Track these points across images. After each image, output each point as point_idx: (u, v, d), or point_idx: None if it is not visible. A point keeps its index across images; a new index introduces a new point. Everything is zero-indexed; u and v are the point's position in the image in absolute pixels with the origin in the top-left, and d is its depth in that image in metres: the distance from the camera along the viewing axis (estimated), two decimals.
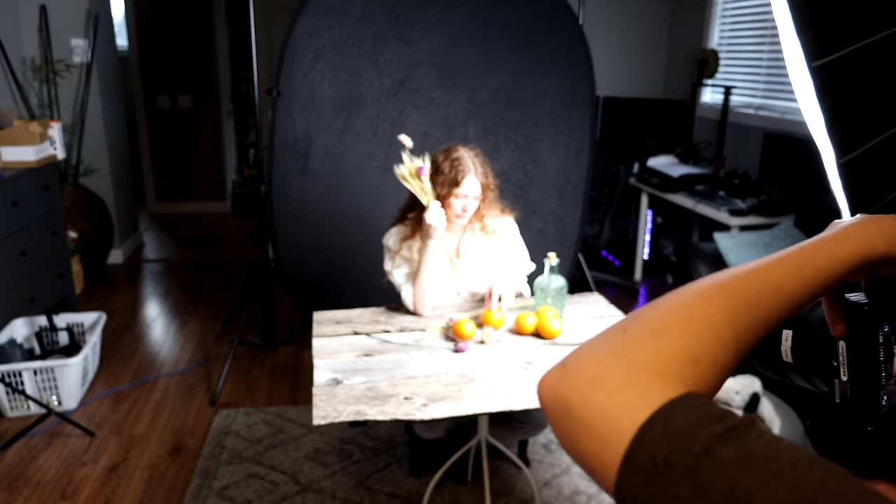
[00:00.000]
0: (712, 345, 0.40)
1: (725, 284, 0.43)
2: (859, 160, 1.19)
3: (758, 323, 0.43)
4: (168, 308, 4.03)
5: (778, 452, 0.32)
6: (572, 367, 0.40)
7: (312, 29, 2.83)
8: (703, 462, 0.32)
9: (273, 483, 2.40)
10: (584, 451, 0.37)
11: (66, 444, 2.64)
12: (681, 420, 0.34)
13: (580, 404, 0.38)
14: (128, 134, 4.99)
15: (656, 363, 0.38)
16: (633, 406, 0.36)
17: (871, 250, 0.49)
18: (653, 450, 0.34)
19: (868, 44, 1.07)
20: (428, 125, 2.99)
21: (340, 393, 1.76)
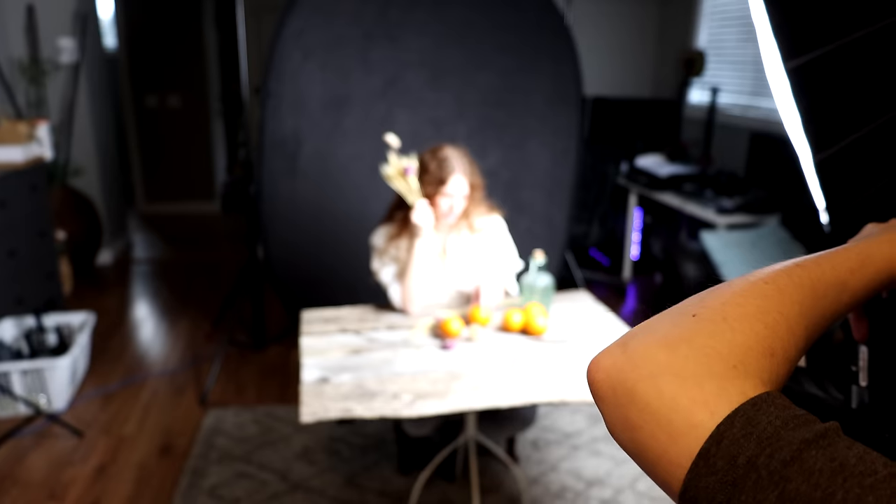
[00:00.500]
0: (787, 338, 0.38)
1: (795, 275, 0.41)
2: (833, 159, 1.21)
3: (824, 318, 0.42)
4: (157, 308, 4.02)
5: (873, 465, 0.30)
6: (638, 351, 0.37)
7: (301, 29, 2.84)
8: (793, 469, 0.30)
9: (262, 482, 2.40)
10: (648, 443, 0.35)
11: (55, 444, 2.63)
12: (766, 421, 0.32)
13: (648, 392, 0.35)
14: (116, 134, 4.98)
15: (732, 354, 0.36)
16: (709, 399, 0.34)
17: None
18: (734, 450, 0.32)
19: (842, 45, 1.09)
20: (416, 125, 3.00)
21: (328, 391, 1.77)
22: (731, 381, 0.35)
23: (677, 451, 0.33)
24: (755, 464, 0.31)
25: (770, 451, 0.31)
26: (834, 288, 0.43)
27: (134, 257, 4.93)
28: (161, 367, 3.26)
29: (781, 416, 0.33)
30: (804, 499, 0.29)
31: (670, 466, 0.34)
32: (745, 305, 0.38)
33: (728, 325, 0.37)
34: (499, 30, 3.03)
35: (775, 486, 0.30)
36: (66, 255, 4.02)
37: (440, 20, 2.96)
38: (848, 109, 1.18)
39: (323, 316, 2.23)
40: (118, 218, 4.89)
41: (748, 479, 0.31)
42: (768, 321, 0.38)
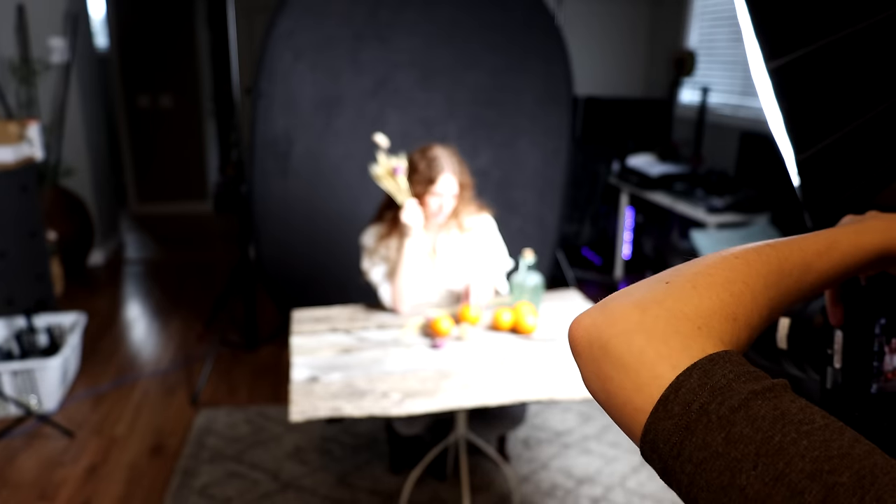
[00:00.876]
0: (750, 307, 0.41)
1: (763, 253, 0.44)
2: (813, 159, 1.22)
3: (787, 295, 0.45)
4: (149, 308, 4.02)
5: (811, 416, 0.33)
6: (615, 310, 0.40)
7: (291, 29, 2.84)
8: (739, 414, 0.33)
9: (253, 481, 2.41)
10: (617, 392, 0.38)
11: (46, 445, 2.63)
12: (720, 373, 0.35)
13: (620, 347, 0.38)
14: (108, 134, 4.97)
15: (698, 316, 0.39)
16: (672, 354, 0.37)
17: (891, 244, 0.51)
18: (689, 397, 0.35)
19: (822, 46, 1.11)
20: (407, 125, 3.01)
21: (318, 390, 1.78)
22: (695, 340, 0.38)
23: (641, 398, 0.36)
24: (707, 410, 0.34)
25: (721, 399, 0.34)
26: (799, 268, 0.45)
27: (126, 258, 4.92)
28: (153, 368, 3.25)
29: (735, 370, 0.36)
30: (746, 440, 0.32)
31: (634, 413, 0.37)
32: (714, 275, 0.42)
33: (696, 292, 0.40)
34: (488, 29, 3.04)
35: (722, 429, 0.33)
36: (58, 256, 4.01)
37: (430, 20, 2.96)
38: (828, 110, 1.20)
39: (313, 315, 2.24)
40: (110, 218, 4.88)
41: (700, 422, 0.34)
42: (734, 290, 0.41)
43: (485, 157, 3.14)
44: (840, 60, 1.14)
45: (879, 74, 1.18)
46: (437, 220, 2.16)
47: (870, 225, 0.52)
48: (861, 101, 1.21)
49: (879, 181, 1.38)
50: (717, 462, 0.33)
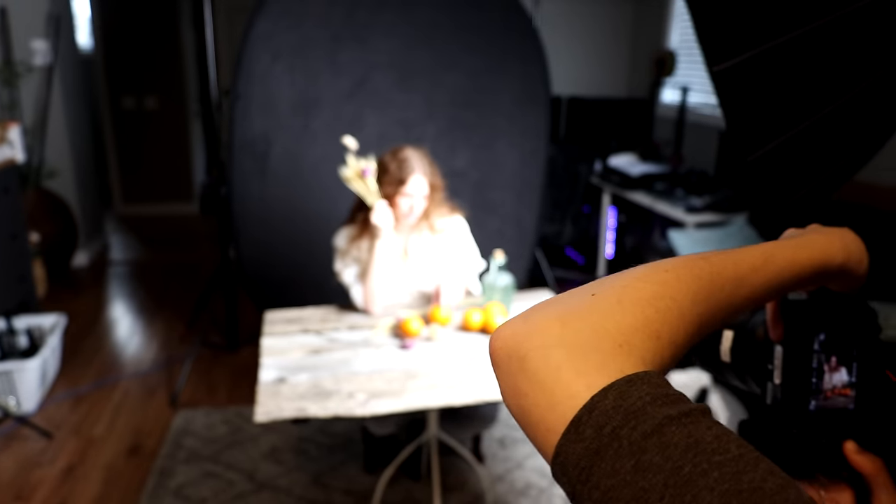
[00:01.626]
0: (676, 323, 0.40)
1: (696, 266, 0.43)
2: (763, 160, 1.25)
3: (719, 310, 0.44)
4: (132, 310, 4.03)
5: (726, 445, 0.32)
6: (536, 322, 0.39)
7: (270, 31, 2.85)
8: (652, 441, 0.32)
9: (229, 482, 2.42)
10: (531, 409, 0.36)
11: (24, 446, 2.64)
12: (636, 395, 0.34)
13: (537, 361, 0.37)
14: (93, 136, 4.97)
15: (620, 333, 0.37)
16: (590, 373, 0.35)
17: (829, 260, 0.51)
18: (602, 420, 0.33)
19: (762, 51, 1.13)
20: (385, 126, 3.03)
21: (284, 390, 1.80)
22: (614, 358, 0.36)
23: (554, 418, 0.35)
24: (618, 434, 0.32)
25: (634, 423, 0.33)
26: (732, 282, 0.44)
27: (111, 259, 4.93)
28: (134, 369, 3.27)
29: (652, 393, 0.34)
30: (655, 469, 0.31)
31: (547, 433, 0.35)
32: (641, 290, 0.40)
33: (621, 307, 0.39)
34: (466, 31, 3.06)
35: (633, 455, 0.32)
36: (41, 258, 4.01)
37: (408, 21, 2.98)
38: (773, 113, 1.22)
39: (286, 316, 2.26)
40: (94, 220, 4.88)
41: (610, 447, 0.32)
42: (660, 306, 0.40)
43: (463, 159, 3.16)
44: (780, 66, 1.16)
45: (821, 78, 1.20)
46: (407, 222, 2.17)
47: (808, 240, 0.51)
48: (805, 104, 1.23)
49: (832, 182, 1.40)
50: (624, 491, 0.31)
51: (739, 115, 1.27)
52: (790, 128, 1.24)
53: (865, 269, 0.54)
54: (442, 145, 3.10)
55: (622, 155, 4.28)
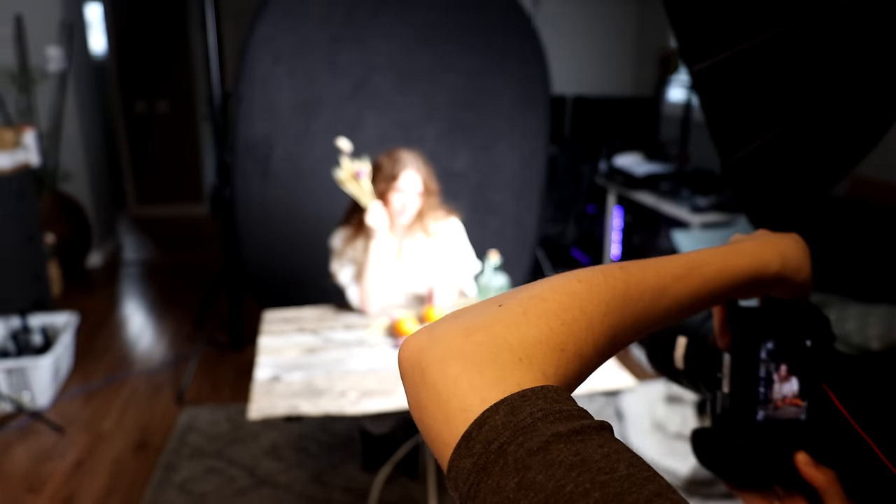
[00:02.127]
0: (584, 336, 0.39)
1: (611, 276, 0.42)
2: (745, 161, 1.27)
3: (635, 321, 0.42)
4: (143, 309, 4.12)
5: (615, 465, 0.31)
6: (439, 333, 0.38)
7: (270, 34, 2.91)
8: (537, 458, 0.31)
9: (231, 477, 2.48)
10: (429, 423, 0.36)
11: (37, 440, 2.73)
12: (527, 411, 0.33)
13: (436, 373, 0.36)
14: (106, 139, 5.08)
15: (521, 346, 0.37)
16: (485, 386, 0.34)
17: (763, 268, 0.49)
18: (491, 436, 0.32)
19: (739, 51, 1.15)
20: (385, 127, 3.07)
21: (278, 388, 1.85)
22: (512, 372, 0.35)
23: (448, 432, 0.34)
24: (505, 450, 0.32)
25: (522, 439, 0.32)
26: (651, 292, 0.43)
27: (123, 259, 5.04)
28: (143, 366, 3.35)
29: (546, 408, 0.33)
30: (537, 488, 0.30)
31: (442, 447, 0.35)
32: (549, 301, 0.39)
33: (526, 319, 0.38)
34: (465, 32, 3.09)
35: (517, 473, 0.31)
36: (56, 258, 4.12)
37: (406, 22, 3.02)
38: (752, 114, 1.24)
39: (283, 316, 2.31)
40: (107, 221, 4.99)
41: (496, 464, 0.32)
42: (566, 318, 0.39)
43: (463, 160, 3.19)
44: (761, 64, 1.18)
45: (804, 77, 1.22)
46: (401, 220, 2.21)
47: (740, 248, 0.50)
48: (789, 103, 1.25)
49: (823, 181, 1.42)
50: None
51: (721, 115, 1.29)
52: (774, 127, 1.26)
53: (805, 277, 0.53)
54: (442, 146, 3.14)
55: (627, 154, 4.28)
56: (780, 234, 0.54)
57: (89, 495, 2.40)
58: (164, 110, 5.92)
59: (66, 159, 4.42)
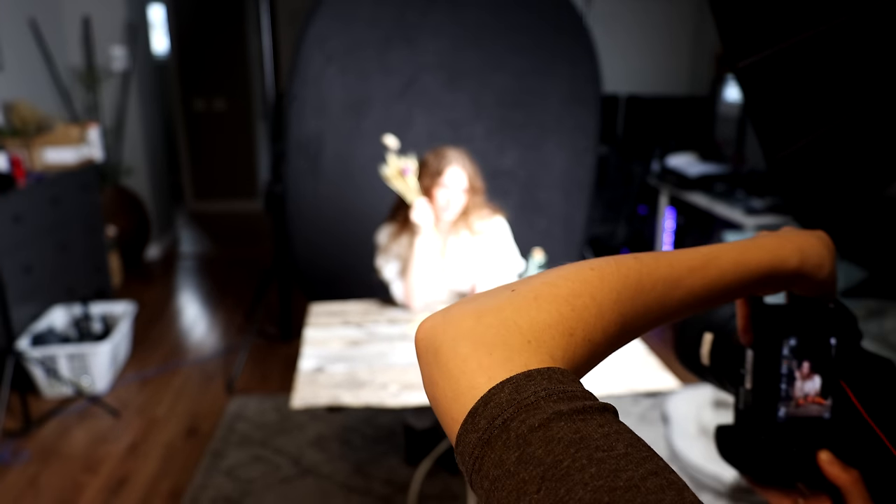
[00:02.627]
0: (593, 322, 0.40)
1: (623, 266, 0.43)
2: (791, 159, 1.23)
3: (648, 311, 0.43)
4: (197, 300, 4.25)
5: (613, 443, 0.32)
6: (453, 315, 0.40)
7: (323, 34, 2.96)
8: (537, 434, 0.32)
9: (276, 465, 2.54)
10: (440, 399, 0.37)
11: (95, 423, 2.85)
12: (532, 390, 0.34)
13: (448, 353, 0.38)
14: (166, 136, 5.26)
15: (530, 329, 0.38)
16: (493, 366, 0.36)
17: (780, 264, 0.49)
18: (495, 412, 0.34)
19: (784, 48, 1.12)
20: (434, 126, 3.09)
21: (321, 379, 1.88)
22: (520, 353, 0.37)
23: (457, 408, 0.36)
24: (508, 426, 0.33)
25: (524, 416, 0.33)
26: (664, 283, 0.44)
27: (180, 252, 5.21)
28: (195, 356, 3.46)
29: (549, 388, 0.34)
30: (536, 462, 0.31)
31: (451, 422, 0.36)
32: (560, 287, 0.40)
33: (536, 304, 0.39)
34: (514, 31, 3.09)
35: (518, 447, 0.32)
36: (117, 250, 4.29)
37: (456, 22, 3.03)
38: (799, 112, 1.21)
39: (329, 309, 2.35)
40: (166, 215, 5.17)
41: (499, 438, 0.33)
42: (576, 304, 0.40)
43: (511, 158, 3.19)
44: (808, 61, 1.15)
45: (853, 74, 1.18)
46: (446, 217, 2.22)
47: (759, 242, 0.49)
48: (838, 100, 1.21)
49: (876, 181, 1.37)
50: (507, 481, 0.32)
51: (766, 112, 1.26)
52: (821, 124, 1.22)
53: (826, 274, 0.52)
54: (490, 145, 3.14)
55: (681, 154, 4.20)
56: (804, 230, 0.53)
57: (142, 477, 2.49)
58: (222, 108, 6.10)
59: (128, 155, 4.60)
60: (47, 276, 3.30)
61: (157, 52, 5.64)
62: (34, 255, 3.19)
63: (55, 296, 3.35)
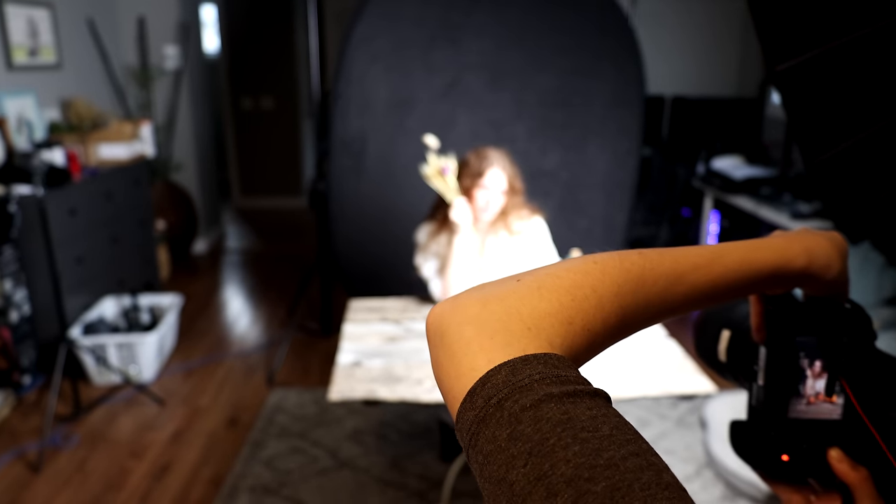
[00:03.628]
0: (593, 313, 0.41)
1: (626, 261, 0.44)
2: (829, 165, 1.20)
3: (649, 305, 0.44)
4: (241, 294, 4.35)
5: (599, 425, 0.33)
6: (461, 302, 0.42)
7: (368, 34, 3.00)
8: (528, 414, 0.34)
9: (314, 457, 2.59)
10: (444, 379, 0.39)
11: (141, 410, 2.94)
12: (527, 373, 0.36)
13: (453, 336, 0.40)
14: (215, 133, 5.39)
15: (531, 317, 0.40)
16: (493, 350, 0.38)
17: (786, 263, 0.49)
18: (492, 392, 0.36)
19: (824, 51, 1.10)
20: (476, 125, 3.10)
21: (358, 373, 1.91)
22: (519, 339, 0.39)
23: (458, 387, 0.38)
24: (502, 405, 0.35)
25: (517, 397, 0.35)
26: (667, 278, 0.45)
27: (226, 247, 5.34)
28: (238, 348, 3.54)
29: (544, 372, 0.36)
30: (525, 439, 0.33)
31: (453, 401, 0.38)
32: (562, 278, 0.42)
33: (539, 293, 0.41)
34: (558, 32, 3.07)
35: (510, 425, 0.34)
36: (166, 244, 4.42)
37: (500, 22, 3.04)
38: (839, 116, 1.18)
39: (368, 305, 2.38)
40: (213, 211, 5.30)
41: (494, 416, 0.35)
42: (577, 295, 0.41)
43: (553, 159, 3.18)
44: (848, 65, 1.12)
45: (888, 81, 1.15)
46: (485, 217, 2.23)
47: (766, 241, 0.50)
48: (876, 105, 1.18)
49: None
50: (498, 456, 0.34)
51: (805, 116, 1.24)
52: (862, 129, 1.20)
53: (835, 275, 0.52)
54: (532, 145, 3.14)
55: (726, 157, 4.12)
56: (816, 231, 0.53)
57: (184, 464, 2.57)
58: (269, 107, 6.22)
59: (178, 151, 4.73)
60: (99, 268, 3.42)
61: (208, 51, 5.78)
62: (87, 248, 3.31)
63: (106, 287, 3.47)
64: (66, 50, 3.83)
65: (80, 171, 3.36)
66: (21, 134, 3.36)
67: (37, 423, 2.77)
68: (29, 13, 3.51)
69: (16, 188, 2.92)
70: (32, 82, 3.54)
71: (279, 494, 2.37)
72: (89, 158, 3.58)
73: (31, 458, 2.57)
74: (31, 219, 2.89)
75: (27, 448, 2.63)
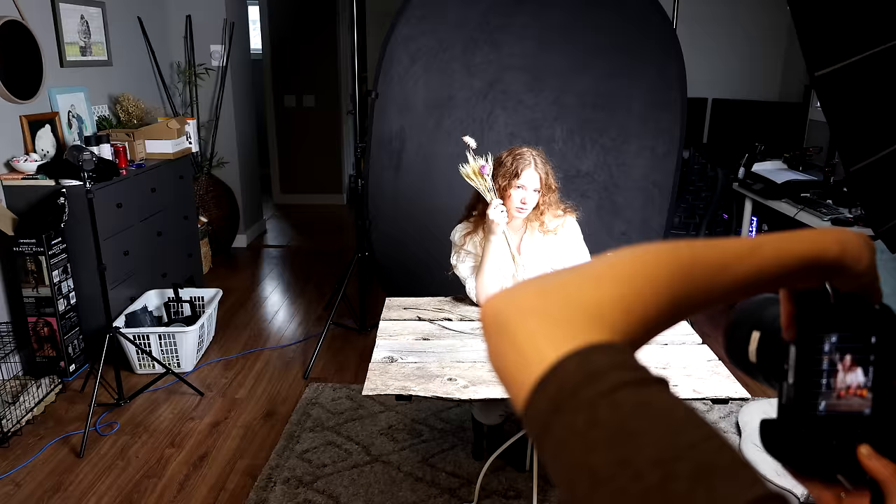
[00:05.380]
0: (648, 302, 0.43)
1: (678, 250, 0.45)
2: (863, 173, 1.18)
3: (698, 293, 0.46)
4: (280, 289, 4.42)
5: (673, 409, 0.35)
6: (520, 293, 0.43)
7: (409, 35, 3.03)
8: (605, 400, 0.35)
9: (347, 452, 2.63)
10: (507, 368, 0.40)
11: (181, 400, 3.02)
12: (598, 361, 0.37)
13: (516, 326, 0.40)
14: (258, 130, 5.50)
15: (593, 307, 0.41)
16: (559, 339, 0.39)
17: (820, 253, 0.50)
18: (565, 380, 0.36)
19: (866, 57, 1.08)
20: (515, 126, 3.11)
21: (392, 370, 1.94)
22: (582, 328, 0.40)
23: (526, 377, 0.38)
24: (577, 393, 0.36)
25: (592, 384, 0.36)
26: (713, 268, 0.46)
27: (266, 243, 5.43)
28: (275, 342, 3.61)
29: (614, 360, 0.37)
30: (604, 424, 0.34)
31: (520, 390, 0.39)
32: (620, 269, 0.44)
33: (598, 283, 0.42)
34: (599, 33, 3.06)
35: (586, 411, 0.35)
36: (207, 238, 4.51)
37: (541, 23, 3.03)
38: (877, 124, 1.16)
39: (403, 303, 2.41)
40: (254, 207, 5.40)
41: (568, 404, 0.36)
42: (634, 285, 0.43)
43: (591, 160, 3.16)
44: (887, 72, 1.11)
45: None
46: (519, 216, 2.24)
47: (800, 233, 0.51)
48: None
49: None
50: (576, 441, 0.35)
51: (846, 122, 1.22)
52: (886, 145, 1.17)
53: (866, 266, 0.53)
54: (570, 146, 3.13)
55: (768, 161, 4.04)
56: (846, 229, 0.55)
57: (222, 454, 2.63)
58: (311, 105, 6.31)
59: (222, 148, 4.84)
60: (144, 261, 3.52)
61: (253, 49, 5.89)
62: (133, 240, 3.41)
63: (150, 279, 3.57)
64: (115, 47, 3.95)
65: (126, 165, 3.46)
66: (72, 129, 3.47)
67: (81, 410, 2.87)
68: (82, 10, 3.62)
69: (65, 181, 3.03)
70: (83, 79, 3.66)
71: (313, 487, 2.42)
72: (135, 153, 3.69)
73: (75, 443, 2.66)
74: (79, 211, 2.98)
75: (72, 433, 2.72)
